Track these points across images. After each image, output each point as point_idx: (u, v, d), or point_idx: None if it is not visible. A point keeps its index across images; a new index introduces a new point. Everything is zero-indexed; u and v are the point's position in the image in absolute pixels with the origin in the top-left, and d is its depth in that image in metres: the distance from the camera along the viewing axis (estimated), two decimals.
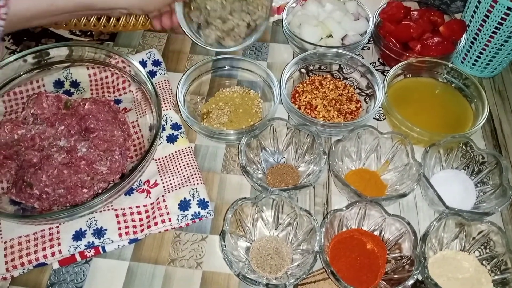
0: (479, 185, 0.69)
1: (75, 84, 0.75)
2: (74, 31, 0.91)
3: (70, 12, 0.64)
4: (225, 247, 0.56)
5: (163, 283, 0.60)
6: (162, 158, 0.70)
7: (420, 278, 0.59)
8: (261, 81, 0.79)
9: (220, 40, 0.80)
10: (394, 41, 0.82)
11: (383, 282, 0.59)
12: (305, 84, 0.80)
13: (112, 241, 0.61)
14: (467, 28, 0.82)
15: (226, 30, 0.79)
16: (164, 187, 0.66)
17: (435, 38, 0.80)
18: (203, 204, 0.65)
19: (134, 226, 0.63)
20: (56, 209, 0.63)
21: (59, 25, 0.88)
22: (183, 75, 0.75)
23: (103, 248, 0.62)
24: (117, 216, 0.63)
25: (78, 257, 0.61)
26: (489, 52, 0.81)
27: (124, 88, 0.76)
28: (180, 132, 0.73)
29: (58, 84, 0.74)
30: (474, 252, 0.62)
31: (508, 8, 0.72)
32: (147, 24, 0.88)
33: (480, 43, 0.80)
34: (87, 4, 0.64)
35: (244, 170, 0.64)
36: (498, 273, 0.60)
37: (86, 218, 0.62)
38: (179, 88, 0.73)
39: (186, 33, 0.80)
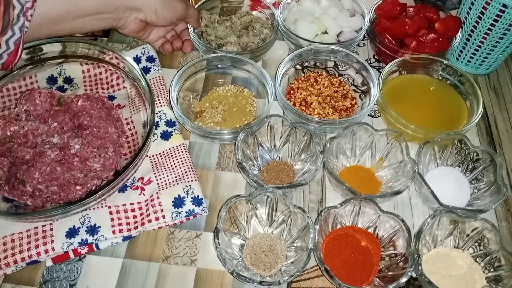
0: (473, 182, 0.69)
1: (68, 80, 0.75)
2: None
3: (91, 14, 0.63)
4: (219, 244, 0.56)
5: (157, 280, 0.60)
6: (156, 155, 0.69)
7: (414, 275, 0.59)
8: (255, 79, 0.78)
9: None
10: (390, 38, 0.81)
11: (377, 279, 0.59)
12: (300, 81, 0.80)
13: (106, 239, 0.61)
14: (463, 24, 0.82)
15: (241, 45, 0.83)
16: (158, 184, 0.66)
17: (430, 35, 0.80)
18: (197, 201, 0.65)
19: (128, 224, 0.62)
20: (49, 206, 0.63)
21: None
22: (177, 72, 0.74)
23: (96, 245, 0.61)
24: (110, 213, 0.62)
25: (71, 254, 0.61)
26: (485, 49, 0.80)
27: (118, 84, 0.75)
28: (175, 129, 0.72)
29: (52, 80, 0.74)
30: (468, 249, 0.62)
31: (504, 5, 0.72)
32: None
33: (475, 40, 0.80)
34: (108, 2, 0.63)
35: (240, 167, 0.64)
36: (492, 270, 0.60)
37: (79, 215, 0.62)
38: (172, 86, 0.72)
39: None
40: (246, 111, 0.76)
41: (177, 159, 0.69)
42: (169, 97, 0.72)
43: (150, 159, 0.69)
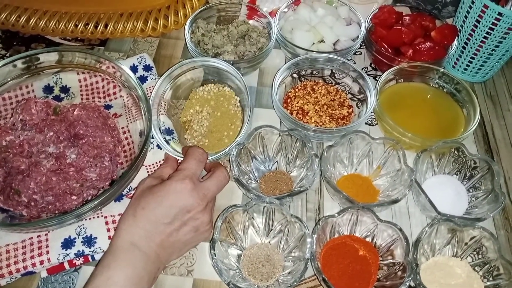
0: (471, 190, 0.69)
1: (65, 89, 0.74)
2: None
3: None
4: (215, 255, 0.55)
5: None
6: (153, 164, 0.69)
7: (412, 284, 0.59)
8: (236, 85, 0.77)
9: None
10: (386, 46, 0.82)
11: None
12: (297, 89, 0.80)
13: (103, 251, 0.60)
14: (459, 33, 0.82)
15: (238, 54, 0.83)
16: None
17: (426, 43, 0.80)
18: None
19: None
20: (44, 217, 0.62)
21: (46, 32, 0.88)
22: (154, 89, 0.72)
23: (92, 256, 0.61)
24: (106, 223, 0.62)
25: (66, 265, 0.60)
26: (481, 57, 0.81)
27: (114, 93, 0.75)
28: (172, 138, 0.72)
29: (48, 89, 0.74)
30: (466, 258, 0.62)
31: (499, 13, 0.72)
32: (135, 31, 0.88)
33: (471, 48, 0.81)
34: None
35: (238, 182, 0.63)
36: (491, 278, 0.60)
37: (75, 226, 0.61)
38: (152, 98, 0.71)
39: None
40: (231, 114, 0.75)
41: None
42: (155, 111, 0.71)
43: (147, 168, 0.69)
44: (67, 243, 0.60)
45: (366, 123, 0.79)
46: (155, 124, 0.69)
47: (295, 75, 0.81)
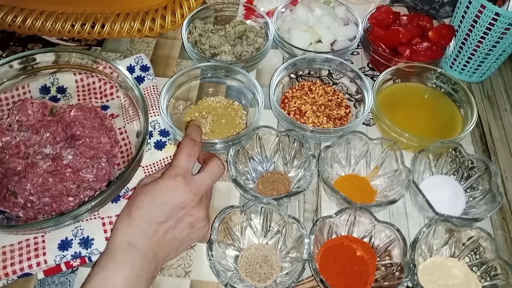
0: (468, 190, 0.69)
1: (61, 90, 0.74)
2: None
3: None
4: (212, 256, 0.55)
5: None
6: (150, 165, 0.69)
7: (410, 285, 0.59)
8: (248, 89, 0.77)
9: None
10: (383, 46, 0.81)
11: None
12: (294, 90, 0.80)
13: (100, 252, 0.60)
14: (456, 33, 0.82)
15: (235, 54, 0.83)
16: None
17: (424, 43, 0.80)
18: None
19: None
20: (41, 218, 0.62)
21: (42, 32, 0.88)
22: (168, 81, 0.73)
23: (89, 258, 0.60)
24: (103, 224, 0.62)
25: (63, 267, 0.60)
26: (478, 57, 0.81)
27: (111, 94, 0.75)
28: (169, 139, 0.72)
29: (44, 90, 0.73)
30: (464, 258, 0.62)
31: (496, 14, 0.72)
32: (132, 32, 0.87)
33: (469, 48, 0.81)
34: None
35: (235, 183, 0.63)
36: (488, 279, 0.60)
37: (72, 227, 0.61)
38: (162, 95, 0.71)
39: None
40: (235, 123, 0.75)
41: None
42: (159, 107, 0.71)
43: (144, 170, 0.68)
44: (64, 245, 0.60)
45: (363, 124, 0.79)
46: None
47: (292, 75, 0.81)
